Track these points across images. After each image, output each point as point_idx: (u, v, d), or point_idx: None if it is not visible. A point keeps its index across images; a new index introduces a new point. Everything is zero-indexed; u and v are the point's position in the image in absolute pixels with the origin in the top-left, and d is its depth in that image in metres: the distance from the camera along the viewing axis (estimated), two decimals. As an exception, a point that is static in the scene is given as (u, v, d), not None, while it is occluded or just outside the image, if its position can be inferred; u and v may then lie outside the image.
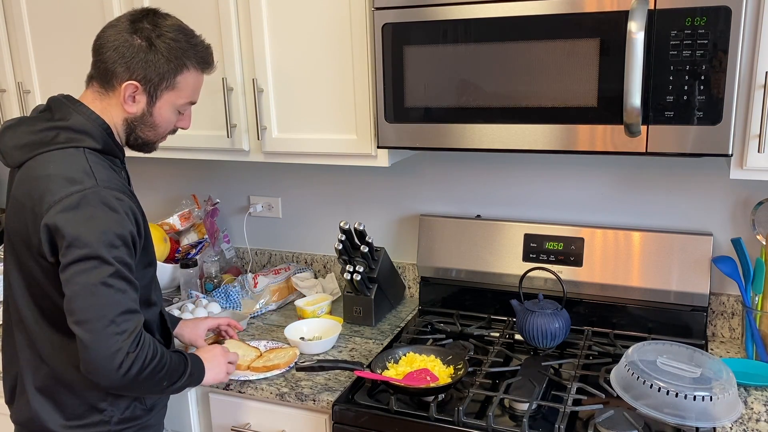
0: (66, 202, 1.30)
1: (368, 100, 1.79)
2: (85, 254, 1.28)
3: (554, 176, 2.01)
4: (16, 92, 2.25)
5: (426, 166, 2.16)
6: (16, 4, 2.17)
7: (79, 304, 1.29)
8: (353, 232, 1.98)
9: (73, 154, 1.36)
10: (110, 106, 1.43)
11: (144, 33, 1.40)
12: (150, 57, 1.39)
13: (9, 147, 1.41)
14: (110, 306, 1.29)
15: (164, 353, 1.40)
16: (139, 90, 1.41)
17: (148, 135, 1.49)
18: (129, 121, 1.45)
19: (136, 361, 1.31)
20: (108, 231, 1.30)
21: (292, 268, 2.31)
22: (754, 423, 1.48)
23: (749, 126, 1.48)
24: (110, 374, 1.30)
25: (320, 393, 1.66)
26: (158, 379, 1.38)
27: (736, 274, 1.76)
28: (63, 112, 1.40)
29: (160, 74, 1.41)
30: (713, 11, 1.37)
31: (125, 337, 1.30)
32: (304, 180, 2.35)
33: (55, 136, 1.37)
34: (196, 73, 1.48)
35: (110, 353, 1.28)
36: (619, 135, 1.50)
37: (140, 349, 1.32)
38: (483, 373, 1.70)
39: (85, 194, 1.31)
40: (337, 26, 1.78)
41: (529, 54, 1.53)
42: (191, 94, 1.49)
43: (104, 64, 1.41)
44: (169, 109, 1.47)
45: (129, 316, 1.32)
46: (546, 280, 1.96)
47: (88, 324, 1.28)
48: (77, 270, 1.29)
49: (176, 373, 1.44)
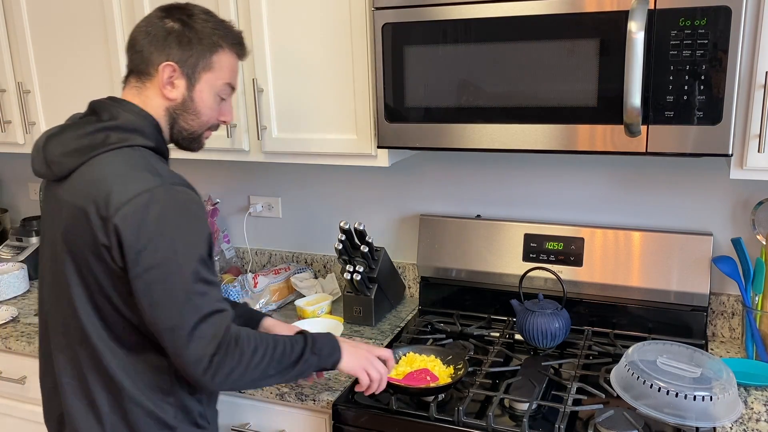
0: (135, 203, 1.22)
1: (368, 100, 1.79)
2: (161, 259, 1.21)
3: (554, 176, 2.01)
4: (16, 92, 2.25)
5: (426, 166, 2.16)
6: (16, 4, 2.17)
7: (159, 313, 1.22)
8: (353, 232, 1.98)
9: (129, 154, 1.30)
10: (149, 98, 1.37)
11: (176, 15, 1.36)
12: (184, 37, 1.35)
13: (57, 155, 1.32)
14: (191, 312, 1.22)
15: (266, 343, 1.31)
16: (177, 72, 1.36)
17: (192, 125, 1.42)
18: (171, 111, 1.39)
19: (223, 365, 1.25)
20: (183, 230, 1.24)
21: (292, 268, 2.31)
22: (754, 423, 1.48)
23: (749, 126, 1.48)
24: (199, 380, 1.25)
25: (320, 393, 1.66)
26: (260, 371, 1.30)
27: (736, 274, 1.76)
28: (110, 112, 1.34)
29: (197, 53, 1.36)
30: (713, 11, 1.37)
31: (207, 342, 1.23)
32: (304, 180, 2.35)
33: (106, 138, 1.31)
34: (231, 55, 1.43)
35: (194, 361, 1.23)
36: (619, 135, 1.50)
37: (228, 350, 1.25)
38: (483, 373, 1.70)
39: (153, 193, 1.23)
40: (337, 26, 1.78)
41: (529, 54, 1.53)
42: (229, 75, 1.43)
43: (139, 54, 1.36)
44: (210, 92, 1.41)
45: (212, 319, 1.24)
46: (546, 280, 1.96)
47: (172, 333, 1.22)
48: (154, 277, 1.22)
49: (287, 358, 1.34)
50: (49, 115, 2.25)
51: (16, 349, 2.04)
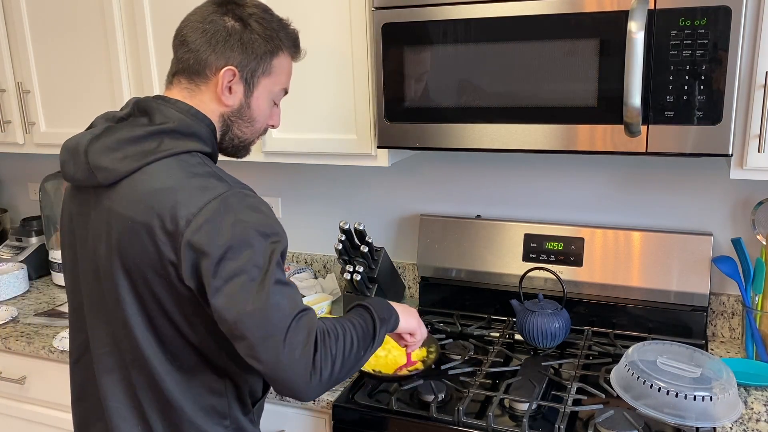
0: (206, 213, 1.13)
1: (368, 99, 1.79)
2: (242, 266, 1.12)
3: (554, 176, 2.01)
4: (16, 92, 2.25)
5: (426, 166, 2.16)
6: (16, 4, 2.17)
7: (248, 325, 1.11)
8: (353, 232, 1.98)
9: (187, 160, 1.20)
10: (203, 103, 1.27)
11: (235, 13, 1.26)
12: (246, 38, 1.25)
13: (106, 161, 1.20)
14: (281, 317, 1.12)
15: (345, 327, 1.22)
16: (237, 77, 1.26)
17: (246, 132, 1.34)
18: (225, 117, 1.30)
19: (325, 360, 1.15)
20: (258, 235, 1.15)
21: (291, 268, 2.31)
22: (754, 423, 1.48)
23: (749, 126, 1.48)
24: (307, 388, 1.15)
25: (320, 393, 1.66)
26: (354, 355, 1.21)
27: (736, 274, 1.76)
28: (164, 113, 1.23)
29: (258, 57, 1.27)
30: (713, 11, 1.37)
31: (304, 344, 1.13)
32: (304, 180, 2.35)
33: (160, 144, 1.20)
34: (289, 58, 1.34)
35: (296, 369, 1.12)
36: (619, 135, 1.50)
37: (322, 345, 1.16)
38: (483, 373, 1.70)
39: (223, 199, 1.15)
40: (337, 26, 1.78)
41: (529, 54, 1.53)
42: (286, 80, 1.36)
43: (193, 53, 1.25)
44: (267, 98, 1.33)
45: (300, 321, 1.15)
46: (546, 280, 1.96)
47: (265, 342, 1.11)
48: (236, 287, 1.12)
49: (367, 334, 1.26)
50: (49, 115, 2.25)
51: (16, 349, 2.04)
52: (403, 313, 1.41)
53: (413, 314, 1.45)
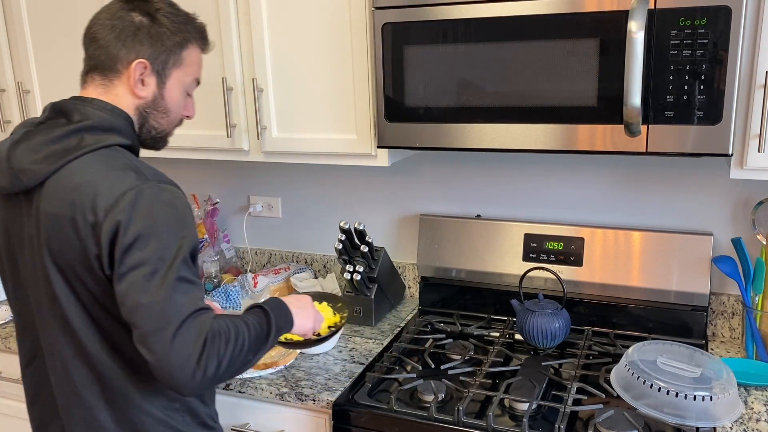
0: (122, 203, 1.17)
1: (368, 99, 1.79)
2: (147, 257, 1.16)
3: (554, 176, 2.01)
4: (16, 92, 2.25)
5: (426, 166, 2.16)
6: (16, 4, 2.17)
7: (142, 314, 1.15)
8: (353, 232, 1.98)
9: (108, 154, 1.25)
10: (118, 97, 1.31)
11: (143, 8, 1.31)
12: (154, 32, 1.30)
13: (27, 163, 1.24)
14: (176, 312, 1.15)
15: (239, 329, 1.23)
16: (148, 69, 1.31)
17: (162, 123, 1.38)
18: (141, 109, 1.34)
19: (210, 360, 1.17)
20: (170, 229, 1.19)
21: (291, 268, 2.31)
22: (754, 423, 1.48)
23: (749, 126, 1.48)
24: (189, 385, 1.17)
25: (320, 393, 1.66)
26: (242, 358, 1.23)
27: (736, 274, 1.76)
28: (81, 112, 1.27)
29: (167, 50, 1.32)
30: (713, 11, 1.37)
31: (193, 342, 1.16)
32: (304, 180, 2.35)
33: (81, 140, 1.24)
34: (198, 50, 1.40)
35: (181, 363, 1.15)
36: (619, 135, 1.50)
37: (211, 345, 1.18)
38: (483, 372, 1.70)
39: (140, 190, 1.19)
40: (337, 26, 1.78)
41: (529, 54, 1.53)
42: (197, 70, 1.41)
43: (104, 49, 1.30)
44: (179, 89, 1.37)
45: (196, 319, 1.18)
46: (546, 280, 1.96)
47: (154, 335, 1.14)
48: (138, 276, 1.16)
49: (260, 338, 1.28)
50: (49, 115, 2.25)
51: (16, 349, 2.04)
52: (299, 315, 1.42)
53: (308, 316, 1.46)
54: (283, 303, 1.39)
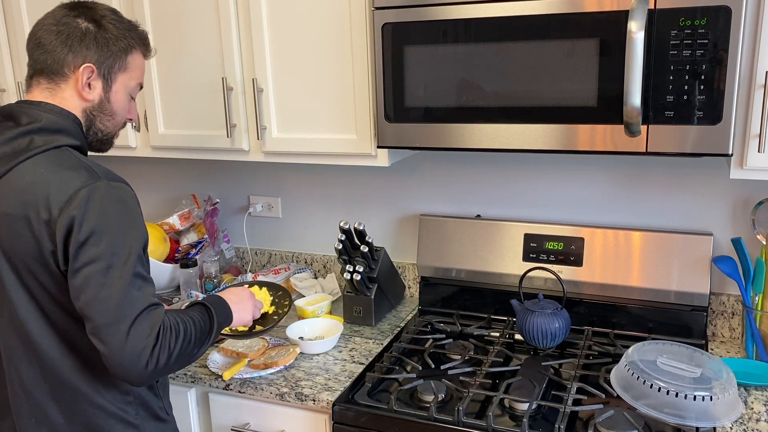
0: (75, 200, 1.21)
1: (368, 99, 1.79)
2: (101, 253, 1.20)
3: (554, 176, 2.01)
4: (16, 92, 2.25)
5: (426, 166, 2.16)
6: (16, 4, 2.17)
7: (97, 309, 1.20)
8: (353, 232, 1.98)
9: (57, 155, 1.29)
10: (65, 100, 1.35)
11: (88, 15, 1.35)
12: (101, 37, 1.35)
13: None
14: (130, 307, 1.20)
15: (186, 324, 1.29)
16: (95, 74, 1.35)
17: (108, 126, 1.42)
18: (88, 112, 1.38)
19: (162, 352, 1.22)
20: (123, 226, 1.24)
21: (291, 268, 2.31)
22: (754, 423, 1.48)
23: (749, 126, 1.48)
24: (141, 375, 1.22)
25: (320, 393, 1.66)
26: (189, 351, 1.29)
27: (736, 274, 1.76)
28: (30, 115, 1.31)
29: (113, 55, 1.37)
30: (713, 11, 1.37)
31: (147, 335, 1.21)
32: (304, 180, 2.35)
33: (30, 142, 1.28)
34: (141, 56, 1.45)
35: (134, 356, 1.20)
36: (619, 135, 1.50)
37: (163, 338, 1.23)
38: (483, 373, 1.70)
39: (93, 188, 1.23)
40: (337, 26, 1.78)
41: (529, 53, 1.53)
42: (141, 75, 1.46)
43: (50, 54, 1.33)
44: (124, 92, 1.42)
45: (149, 313, 1.23)
46: (546, 280, 1.96)
47: (108, 328, 1.19)
48: (93, 271, 1.20)
49: (204, 333, 1.33)
50: (49, 115, 2.25)
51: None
52: (237, 311, 1.49)
53: (246, 309, 1.52)
54: (223, 300, 1.45)
